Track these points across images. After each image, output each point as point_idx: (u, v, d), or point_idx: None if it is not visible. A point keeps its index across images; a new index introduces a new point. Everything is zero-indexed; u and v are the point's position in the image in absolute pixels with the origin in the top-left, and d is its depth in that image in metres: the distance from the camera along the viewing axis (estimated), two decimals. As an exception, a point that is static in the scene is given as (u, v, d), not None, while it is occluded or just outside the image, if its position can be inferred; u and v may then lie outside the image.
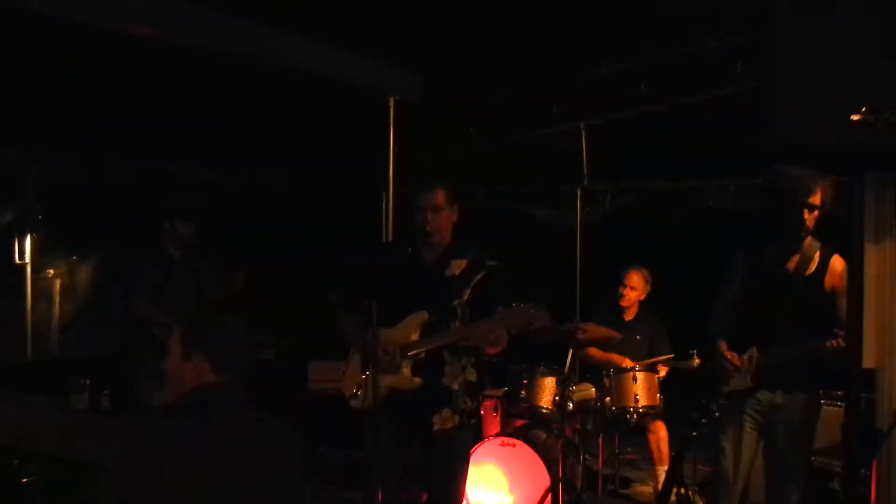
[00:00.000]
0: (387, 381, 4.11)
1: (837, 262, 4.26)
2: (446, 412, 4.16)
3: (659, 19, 5.37)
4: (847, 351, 4.06)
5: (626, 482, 7.02)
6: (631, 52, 5.97)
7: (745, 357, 4.39)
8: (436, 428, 4.15)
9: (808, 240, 4.35)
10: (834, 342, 4.13)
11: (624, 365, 6.31)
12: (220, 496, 2.48)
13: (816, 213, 4.23)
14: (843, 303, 4.14)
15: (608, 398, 6.04)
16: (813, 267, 4.33)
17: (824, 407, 4.58)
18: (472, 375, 4.25)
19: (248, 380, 2.69)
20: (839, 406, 4.98)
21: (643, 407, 6.01)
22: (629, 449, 7.26)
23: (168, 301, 5.60)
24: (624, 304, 6.78)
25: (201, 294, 5.74)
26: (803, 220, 4.24)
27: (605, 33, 5.67)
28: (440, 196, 4.17)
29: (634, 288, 6.76)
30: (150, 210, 6.13)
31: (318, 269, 6.44)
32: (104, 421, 4.37)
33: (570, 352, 5.97)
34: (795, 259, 4.35)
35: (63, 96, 5.67)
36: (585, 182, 7.73)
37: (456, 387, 4.18)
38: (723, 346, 4.50)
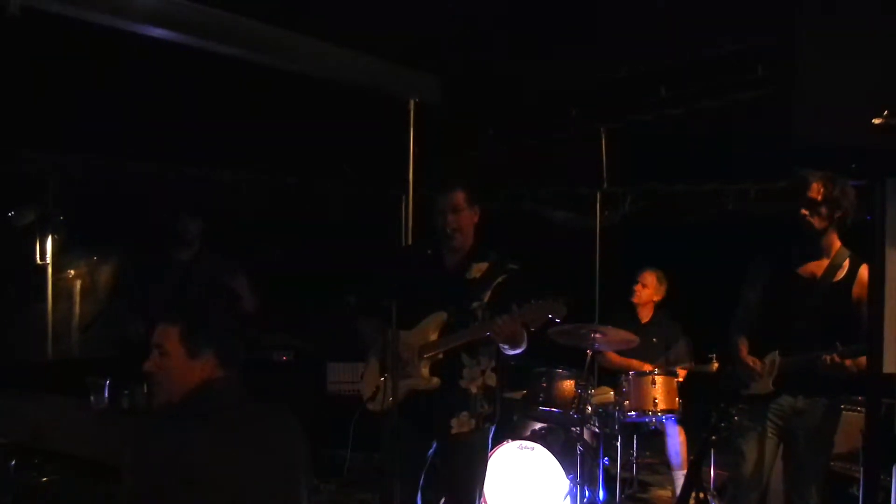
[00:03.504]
0: (405, 382, 4.10)
1: (866, 272, 4.21)
2: (464, 416, 4.14)
3: (679, 22, 5.34)
4: (843, 367, 4.05)
5: (645, 486, 7.01)
6: (650, 54, 5.95)
7: (766, 361, 4.36)
8: (453, 431, 4.14)
9: (838, 247, 4.30)
10: (827, 357, 4.09)
11: (644, 369, 6.29)
12: (233, 488, 2.49)
13: (824, 210, 4.19)
14: (867, 312, 4.10)
15: (627, 401, 6.02)
16: (841, 274, 4.28)
17: (844, 412, 4.54)
18: (491, 380, 4.23)
19: (266, 380, 2.70)
20: (859, 411, 4.95)
21: (662, 410, 5.99)
22: (647, 453, 7.24)
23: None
24: (636, 300, 6.81)
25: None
26: (804, 217, 4.21)
27: (624, 36, 5.65)
28: (460, 197, 4.17)
29: (646, 286, 6.78)
30: (160, 211, 6.15)
31: (337, 271, 6.44)
32: (124, 421, 4.38)
33: (589, 355, 5.96)
34: (824, 265, 4.31)
35: (83, 99, 5.71)
36: (604, 185, 7.71)
37: (474, 390, 4.17)
38: (744, 349, 4.47)
